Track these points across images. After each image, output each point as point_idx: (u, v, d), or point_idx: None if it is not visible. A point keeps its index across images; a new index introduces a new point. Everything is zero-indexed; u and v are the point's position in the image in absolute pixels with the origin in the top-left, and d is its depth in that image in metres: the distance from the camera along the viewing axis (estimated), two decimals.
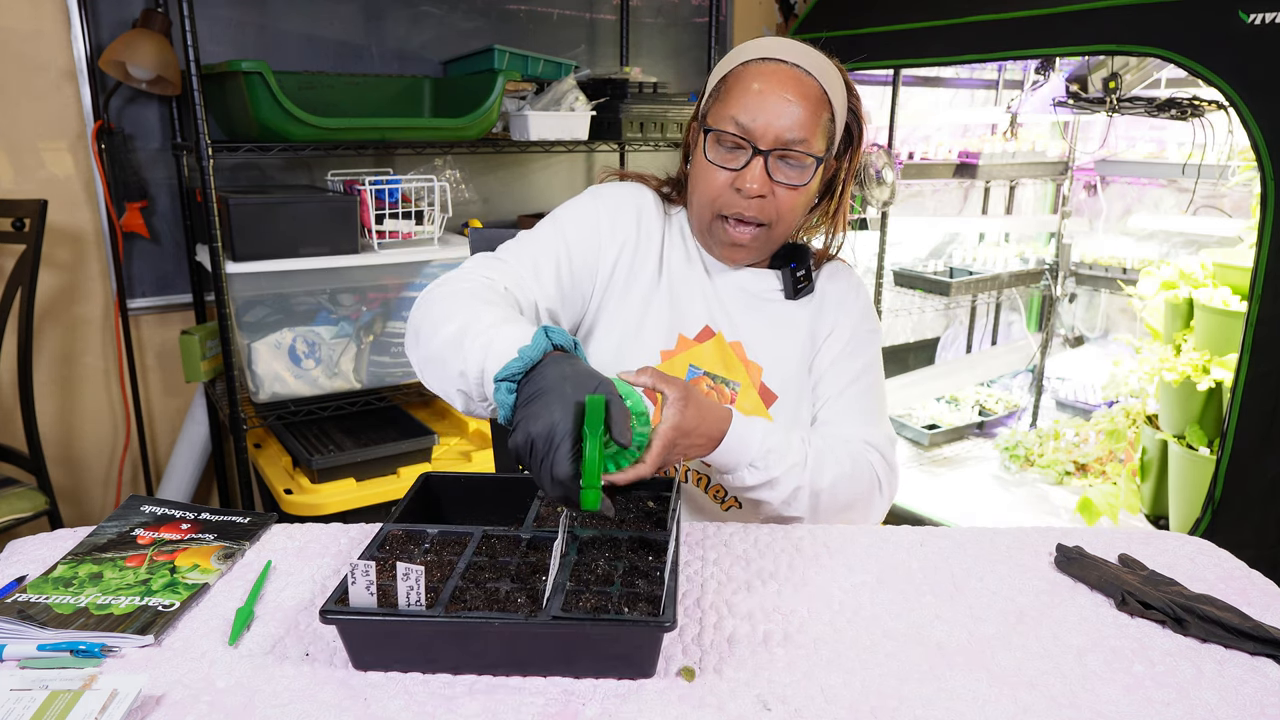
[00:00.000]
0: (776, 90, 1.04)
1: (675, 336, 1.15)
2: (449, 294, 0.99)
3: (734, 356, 1.14)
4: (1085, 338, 3.80)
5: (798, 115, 1.04)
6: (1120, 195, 3.58)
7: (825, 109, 1.07)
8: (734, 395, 1.14)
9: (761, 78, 1.05)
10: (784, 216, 1.09)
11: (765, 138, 1.04)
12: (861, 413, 1.16)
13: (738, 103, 1.05)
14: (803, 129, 1.04)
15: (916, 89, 3.42)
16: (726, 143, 1.06)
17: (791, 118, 1.04)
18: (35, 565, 0.94)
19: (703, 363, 1.14)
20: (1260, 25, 1.69)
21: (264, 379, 2.03)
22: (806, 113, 1.04)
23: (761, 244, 1.12)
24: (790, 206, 1.08)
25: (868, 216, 3.14)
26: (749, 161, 1.05)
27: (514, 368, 0.82)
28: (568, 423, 0.77)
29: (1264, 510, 1.79)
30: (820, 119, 1.06)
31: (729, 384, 1.14)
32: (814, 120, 1.05)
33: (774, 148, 1.05)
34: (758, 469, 1.00)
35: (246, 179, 2.33)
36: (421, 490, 0.98)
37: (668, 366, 1.13)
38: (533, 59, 2.42)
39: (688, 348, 1.14)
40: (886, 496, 1.12)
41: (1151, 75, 2.75)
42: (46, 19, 2.06)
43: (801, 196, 1.09)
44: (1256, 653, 0.80)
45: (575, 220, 1.14)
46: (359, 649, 0.76)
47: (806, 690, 0.74)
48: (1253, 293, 1.77)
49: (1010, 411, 3.63)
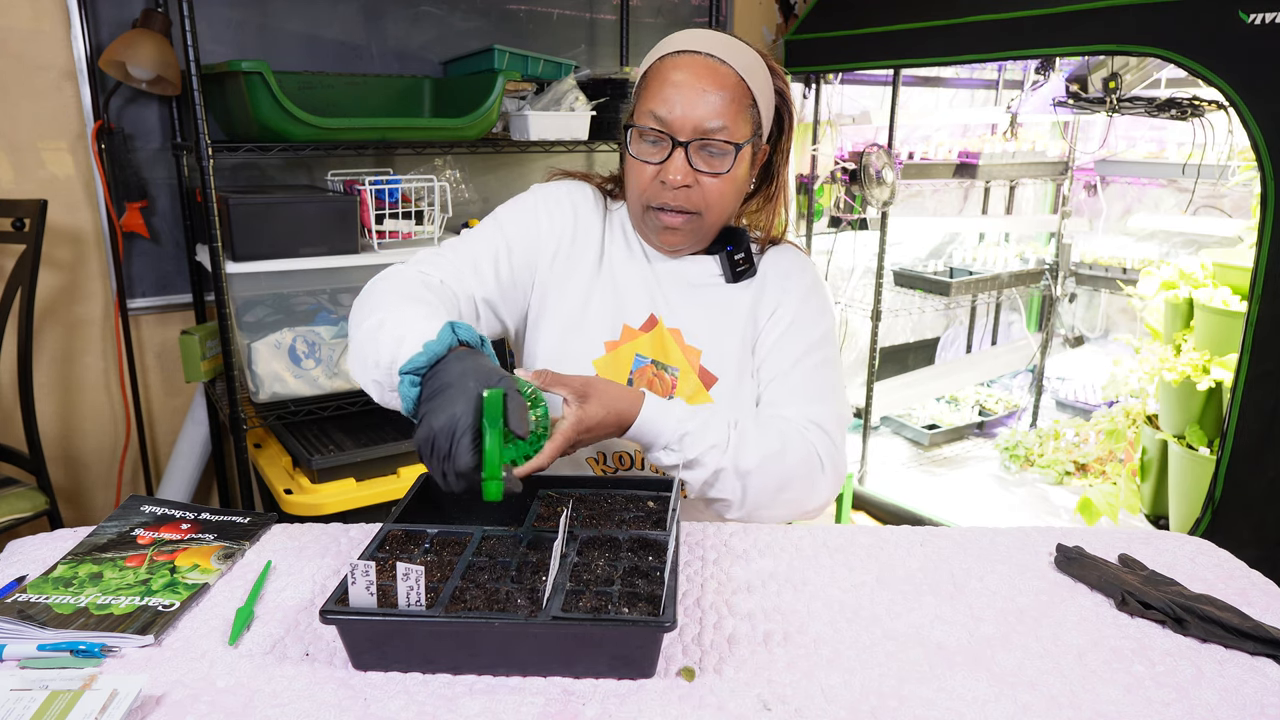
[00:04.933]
0: (692, 81, 1.06)
1: (620, 327, 1.17)
2: (381, 289, 1.04)
3: (672, 342, 1.17)
4: (1085, 338, 3.80)
5: (715, 104, 1.05)
6: (1120, 195, 3.58)
7: (745, 95, 1.08)
8: (674, 380, 1.16)
9: (678, 70, 1.07)
10: (712, 204, 1.10)
11: (684, 129, 1.06)
12: (806, 392, 1.15)
13: (656, 96, 1.07)
14: (721, 116, 1.05)
15: (916, 89, 3.42)
16: (649, 137, 1.08)
17: (708, 107, 1.05)
18: (35, 565, 0.94)
19: (647, 351, 1.17)
20: (1260, 25, 1.69)
21: (264, 379, 2.03)
22: (724, 101, 1.06)
23: (694, 230, 1.13)
24: (718, 194, 1.10)
25: (868, 216, 3.14)
26: (670, 154, 1.07)
27: (418, 361, 0.86)
28: (468, 417, 0.81)
29: (1264, 510, 1.79)
30: (740, 105, 1.07)
31: (668, 370, 1.16)
32: (733, 107, 1.06)
33: (693, 138, 1.06)
34: (674, 450, 1.02)
35: (246, 179, 2.33)
36: (421, 491, 0.98)
37: (614, 356, 1.16)
38: (533, 59, 2.42)
39: (633, 337, 1.17)
40: (830, 477, 1.10)
41: (1151, 75, 2.75)
42: (46, 19, 2.06)
43: (729, 184, 1.10)
44: (1256, 653, 0.80)
45: (513, 216, 1.19)
46: (359, 649, 0.76)
47: (806, 690, 0.74)
48: (1253, 293, 1.77)
49: (1010, 411, 3.63)
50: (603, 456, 1.19)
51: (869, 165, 2.88)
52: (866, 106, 3.29)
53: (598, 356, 1.16)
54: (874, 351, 3.05)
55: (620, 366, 1.16)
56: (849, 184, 3.00)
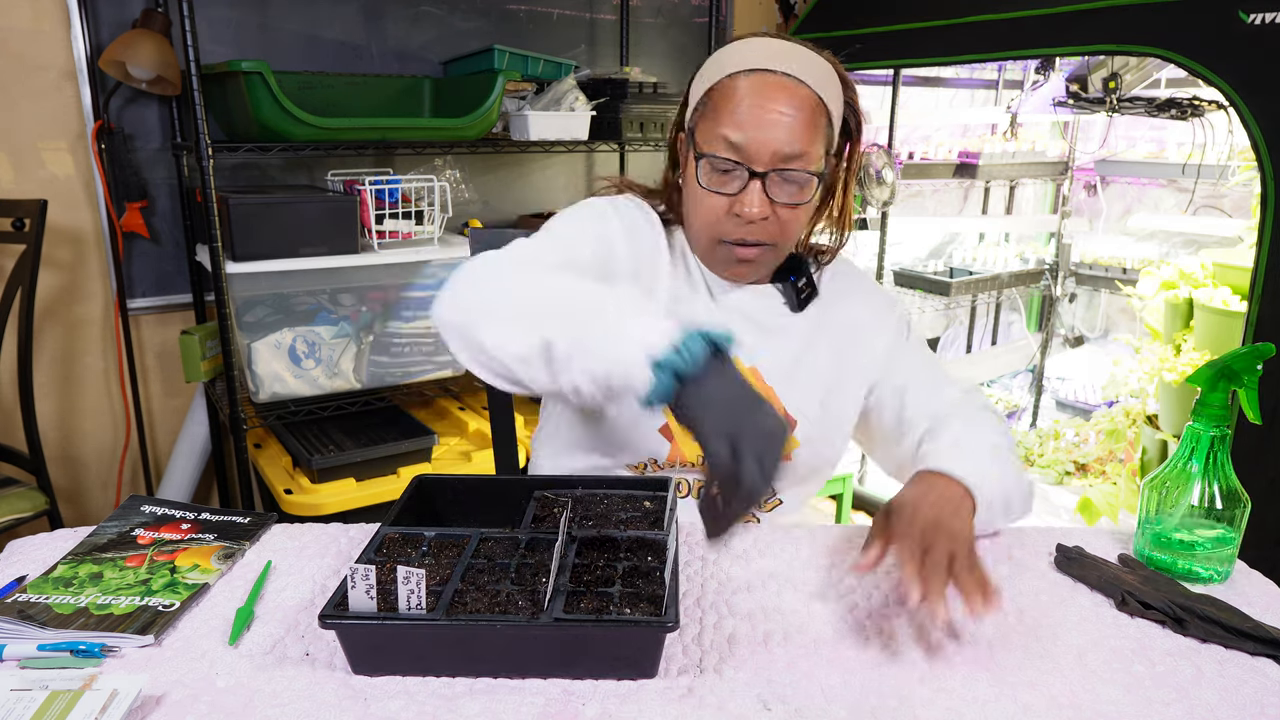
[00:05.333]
0: (769, 105, 0.96)
1: None
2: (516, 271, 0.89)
3: (755, 381, 1.06)
4: (1085, 338, 3.80)
5: (793, 129, 0.96)
6: (1120, 195, 3.59)
7: (822, 115, 0.99)
8: None
9: (752, 92, 0.97)
10: (789, 234, 1.04)
11: (760, 158, 0.97)
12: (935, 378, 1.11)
13: (728, 120, 0.97)
14: (800, 142, 0.97)
15: (916, 89, 3.42)
16: (720, 166, 0.99)
17: (787, 132, 0.96)
18: (35, 565, 0.94)
19: None
20: (1260, 25, 1.69)
21: (264, 379, 2.03)
22: (802, 124, 0.97)
23: (769, 260, 1.07)
24: (796, 224, 1.03)
25: (868, 216, 3.14)
26: (746, 184, 0.98)
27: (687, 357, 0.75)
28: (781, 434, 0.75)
29: (1264, 510, 1.79)
30: (818, 128, 0.99)
31: None
32: (811, 131, 0.97)
33: (771, 167, 0.97)
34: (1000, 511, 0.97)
35: (246, 179, 2.33)
36: (415, 493, 0.98)
37: None
38: (533, 59, 2.42)
39: None
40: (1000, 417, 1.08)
41: (1151, 75, 2.75)
42: (46, 19, 2.06)
43: (805, 213, 1.03)
44: (1256, 653, 0.80)
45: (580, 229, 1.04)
46: (358, 654, 0.75)
47: (806, 690, 0.74)
48: (1253, 293, 1.77)
49: (1010, 411, 3.63)
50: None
51: (869, 165, 2.88)
52: (866, 106, 3.29)
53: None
54: None
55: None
56: None
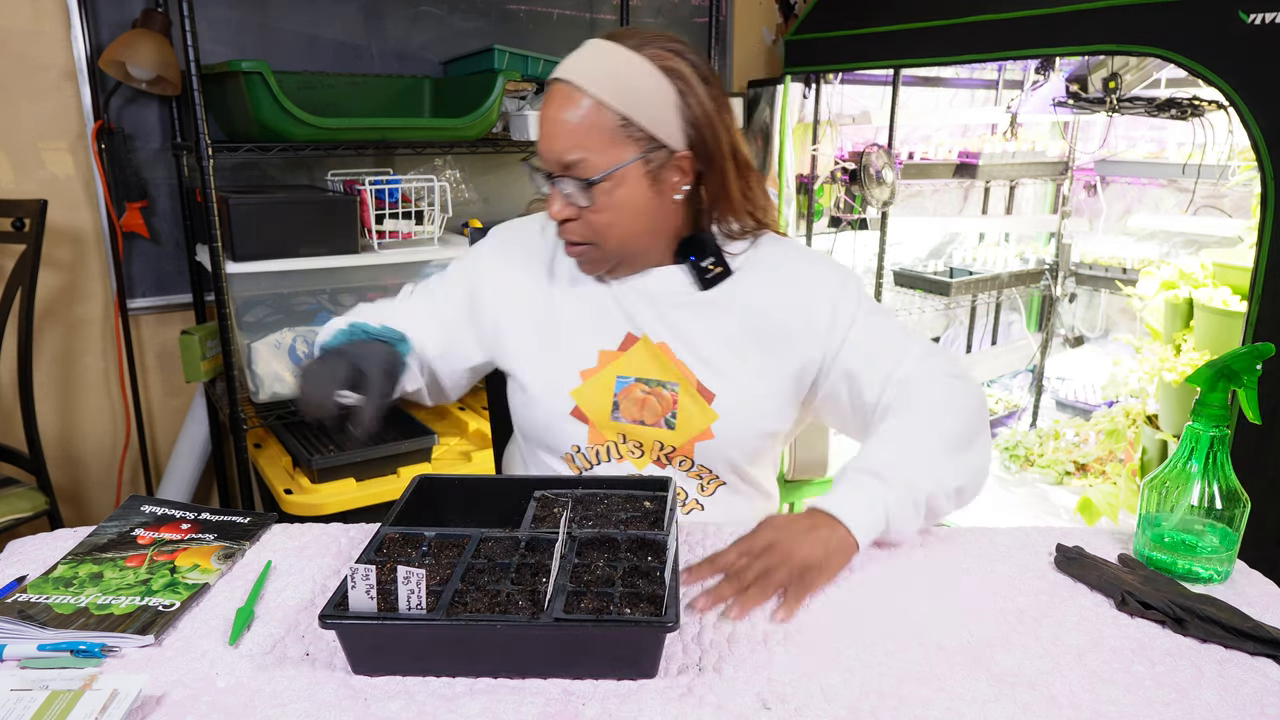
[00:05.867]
0: (549, 113, 1.02)
1: (595, 353, 1.13)
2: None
3: (664, 357, 1.11)
4: (1085, 338, 3.80)
5: (569, 137, 1.00)
6: (1120, 195, 3.58)
7: (607, 120, 0.99)
8: (674, 396, 1.11)
9: (545, 102, 1.03)
10: (602, 233, 1.05)
11: (550, 163, 1.03)
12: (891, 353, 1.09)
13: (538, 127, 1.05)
14: (577, 150, 1.00)
15: (916, 89, 3.42)
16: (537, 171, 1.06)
17: (563, 140, 1.00)
18: (35, 565, 0.94)
19: (631, 370, 1.12)
20: (1260, 25, 1.69)
21: (264, 379, 2.03)
22: (580, 131, 1.00)
23: (598, 257, 1.09)
24: (605, 224, 1.04)
25: (868, 216, 3.14)
26: (552, 189, 1.04)
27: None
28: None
29: (1264, 510, 1.79)
30: (603, 131, 1.00)
31: (666, 385, 1.11)
32: (590, 137, 1.00)
33: (559, 173, 1.02)
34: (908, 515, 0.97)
35: (246, 179, 2.33)
36: (416, 493, 0.98)
37: (591, 384, 1.12)
38: (533, 59, 2.42)
39: (612, 359, 1.12)
40: (966, 381, 1.07)
41: (1151, 75, 2.75)
42: (46, 19, 2.06)
43: (614, 212, 1.03)
44: (1256, 653, 0.80)
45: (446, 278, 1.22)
46: (358, 654, 0.75)
47: (806, 690, 0.74)
48: (1253, 293, 1.77)
49: (1010, 411, 3.63)
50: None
51: (869, 165, 2.88)
52: (866, 106, 3.29)
53: (574, 387, 1.12)
54: None
55: (600, 393, 1.12)
56: (849, 184, 3.00)
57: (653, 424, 1.11)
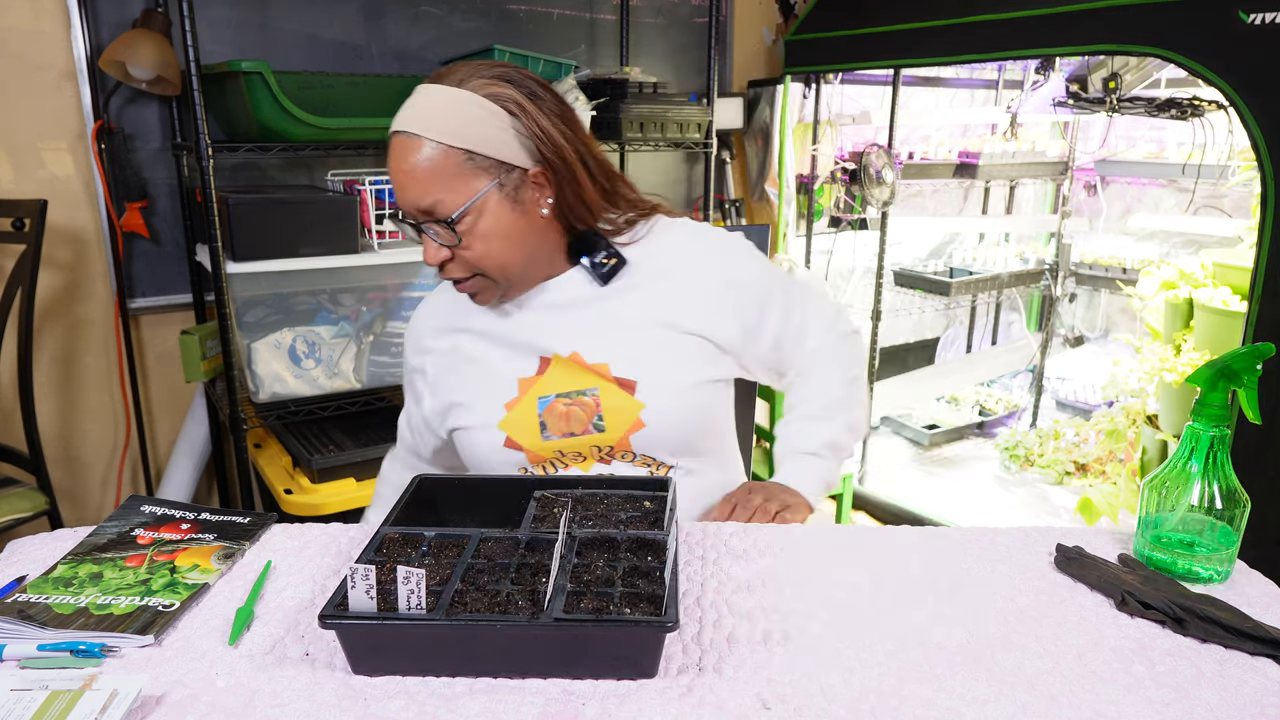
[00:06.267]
0: (396, 166, 1.04)
1: (515, 383, 1.15)
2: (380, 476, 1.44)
3: (577, 368, 1.13)
4: (1085, 338, 3.80)
5: (419, 185, 1.03)
6: (1120, 195, 3.59)
7: (448, 158, 1.02)
8: (596, 400, 1.12)
9: (390, 157, 1.05)
10: (485, 263, 1.07)
11: (411, 213, 1.05)
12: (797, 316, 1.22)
13: None
14: (429, 195, 1.03)
15: (916, 89, 3.42)
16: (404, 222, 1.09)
17: (415, 190, 1.03)
18: (35, 565, 0.94)
19: (549, 388, 1.14)
20: (1260, 25, 1.69)
21: (264, 379, 2.03)
22: (428, 177, 1.02)
23: (491, 286, 1.11)
24: (482, 254, 1.06)
25: (868, 216, 3.14)
26: (423, 236, 1.07)
27: None
28: None
29: (1264, 510, 1.79)
30: (447, 171, 1.02)
31: (585, 393, 1.13)
32: (438, 180, 1.02)
33: (421, 220, 1.05)
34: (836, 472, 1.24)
35: (246, 179, 2.33)
36: (416, 493, 0.98)
37: (517, 412, 1.14)
38: (533, 59, 2.42)
39: (531, 385, 1.14)
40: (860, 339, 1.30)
41: (1151, 75, 2.75)
42: (46, 19, 2.06)
43: (485, 241, 1.06)
44: (1256, 653, 0.80)
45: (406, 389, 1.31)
46: (358, 654, 0.75)
47: (806, 690, 0.74)
48: (1253, 293, 1.77)
49: (1010, 411, 3.63)
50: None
51: (869, 165, 2.88)
52: (866, 106, 3.29)
53: (501, 419, 1.14)
54: (874, 351, 3.05)
55: (526, 417, 1.14)
56: (849, 184, 3.00)
57: (582, 432, 1.13)
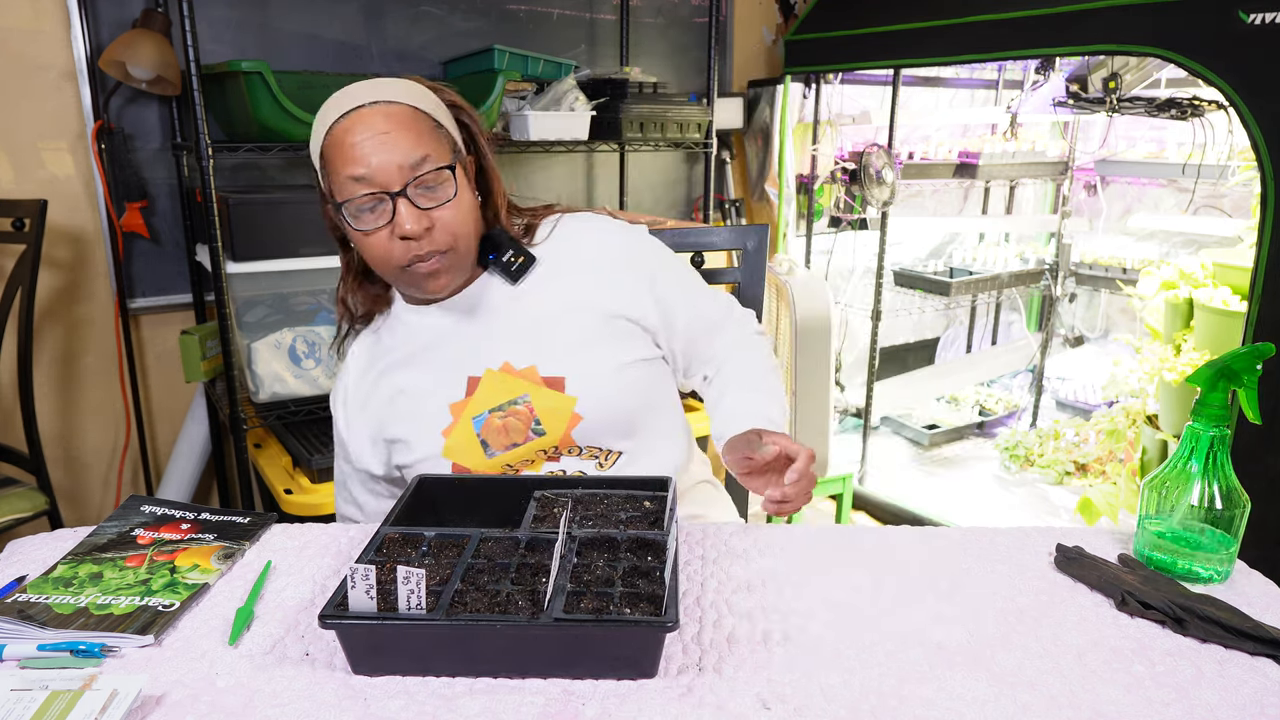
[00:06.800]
0: (374, 131, 1.02)
1: (447, 409, 1.13)
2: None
3: (506, 378, 1.12)
4: (1085, 338, 3.80)
5: (405, 140, 1.02)
6: (1120, 195, 3.59)
7: (424, 120, 1.05)
8: (530, 407, 1.11)
9: (355, 129, 1.03)
10: (457, 232, 1.07)
11: (391, 178, 1.02)
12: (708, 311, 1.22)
13: (349, 163, 1.02)
14: (418, 148, 1.03)
15: (916, 89, 3.42)
16: (363, 205, 1.03)
17: (402, 145, 1.02)
18: (35, 565, 0.94)
19: (482, 406, 1.12)
20: (1260, 25, 1.69)
21: (264, 379, 2.03)
22: (413, 133, 1.03)
23: (454, 265, 1.09)
24: (458, 221, 1.06)
25: (868, 216, 3.14)
26: (394, 208, 1.03)
27: None
28: None
29: (1264, 510, 1.79)
30: (427, 130, 1.05)
31: (516, 401, 1.12)
32: (421, 135, 1.04)
33: (405, 181, 1.02)
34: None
35: (246, 179, 2.33)
36: (416, 493, 0.98)
37: (455, 436, 1.12)
38: (533, 59, 2.42)
39: (463, 407, 1.12)
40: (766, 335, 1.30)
41: (1151, 75, 2.75)
42: (46, 19, 2.06)
43: (459, 208, 1.06)
44: (1256, 653, 0.80)
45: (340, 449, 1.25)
46: (358, 654, 0.75)
47: (806, 690, 0.74)
48: (1253, 293, 1.77)
49: (1010, 411, 3.63)
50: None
51: (869, 165, 2.88)
52: (866, 106, 3.29)
53: (443, 446, 1.12)
54: (874, 351, 3.05)
55: (465, 440, 1.12)
56: (849, 184, 3.00)
57: (524, 441, 1.12)
